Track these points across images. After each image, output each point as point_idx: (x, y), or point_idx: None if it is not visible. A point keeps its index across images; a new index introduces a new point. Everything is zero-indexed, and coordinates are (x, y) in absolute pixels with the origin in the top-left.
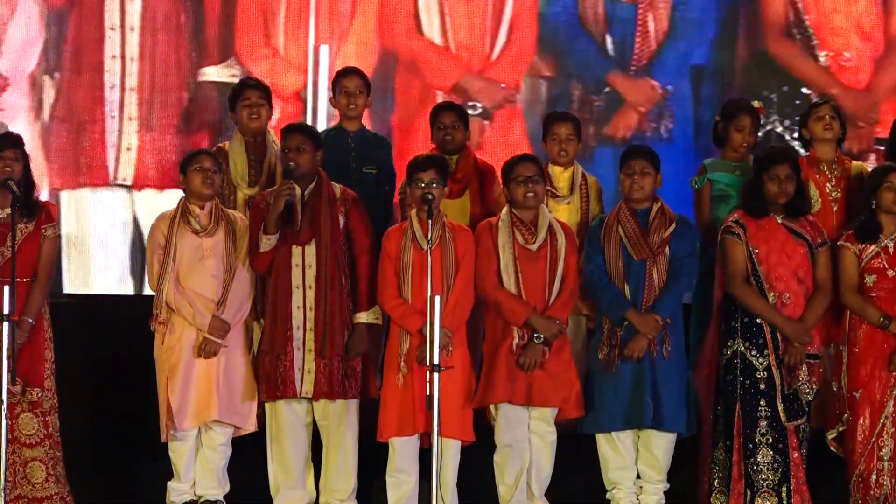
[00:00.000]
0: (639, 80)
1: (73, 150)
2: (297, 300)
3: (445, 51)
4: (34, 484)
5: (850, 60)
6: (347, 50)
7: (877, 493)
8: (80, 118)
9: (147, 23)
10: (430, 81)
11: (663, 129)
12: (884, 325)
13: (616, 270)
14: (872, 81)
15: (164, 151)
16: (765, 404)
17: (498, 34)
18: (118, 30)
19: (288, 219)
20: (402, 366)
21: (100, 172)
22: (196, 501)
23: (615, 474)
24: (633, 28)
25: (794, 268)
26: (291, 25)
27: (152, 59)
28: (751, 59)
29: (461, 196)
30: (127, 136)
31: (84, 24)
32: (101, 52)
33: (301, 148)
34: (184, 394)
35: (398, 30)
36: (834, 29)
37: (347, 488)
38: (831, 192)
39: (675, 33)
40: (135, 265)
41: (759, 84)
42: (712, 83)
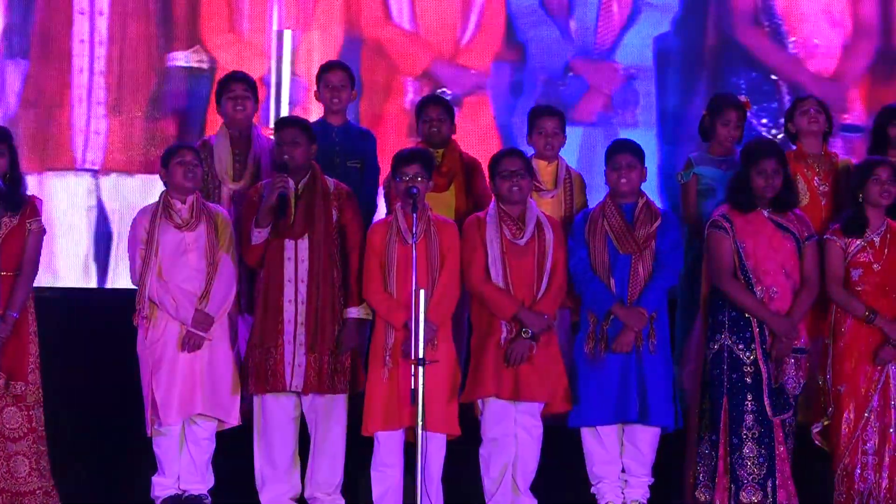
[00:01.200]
0: (602, 65)
1: (40, 135)
2: (290, 294)
3: (415, 36)
4: (18, 478)
5: (818, 47)
6: (311, 35)
7: (861, 487)
8: (48, 102)
9: (116, 7)
10: (400, 67)
11: (627, 113)
12: (869, 319)
13: (601, 264)
14: (840, 68)
15: (132, 136)
16: (751, 398)
17: (468, 20)
18: (87, 14)
19: (280, 213)
20: (387, 360)
21: (66, 157)
22: (180, 496)
23: (600, 469)
24: (598, 12)
25: (782, 262)
26: (255, 11)
27: (121, 44)
28: (719, 46)
29: (447, 190)
30: (95, 120)
31: (52, 8)
32: (70, 37)
33: (296, 141)
34: (168, 388)
35: (366, 15)
36: (803, 16)
37: (333, 482)
38: (819, 185)
39: (640, 17)
40: (98, 251)
41: (727, 71)
42: (678, 69)
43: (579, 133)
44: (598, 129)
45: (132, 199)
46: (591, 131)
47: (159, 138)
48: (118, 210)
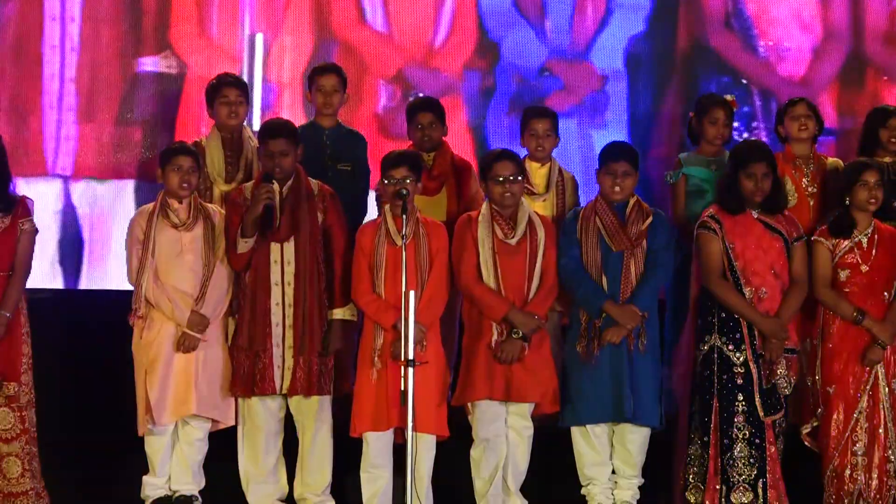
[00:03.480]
0: (576, 65)
1: (12, 141)
2: (276, 297)
3: (389, 39)
4: (10, 479)
5: (789, 51)
6: (283, 39)
7: (851, 487)
8: (20, 108)
9: (88, 13)
10: (374, 69)
11: (603, 115)
12: (857, 320)
13: (594, 262)
14: (810, 72)
15: (102, 142)
16: (742, 399)
17: (440, 22)
18: (58, 20)
19: (266, 221)
20: (375, 361)
21: (38, 163)
22: (171, 497)
23: (590, 470)
24: (572, 13)
25: (770, 262)
26: (225, 15)
27: (92, 50)
28: (690, 49)
29: (438, 192)
30: (66, 126)
31: (23, 13)
32: (41, 43)
33: (284, 152)
34: (162, 388)
35: (338, 18)
36: (773, 20)
37: (323, 483)
38: (808, 187)
39: (613, 18)
40: (64, 257)
41: (698, 73)
42: (650, 71)
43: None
44: (571, 120)
45: (103, 205)
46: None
47: (130, 143)
48: (88, 215)
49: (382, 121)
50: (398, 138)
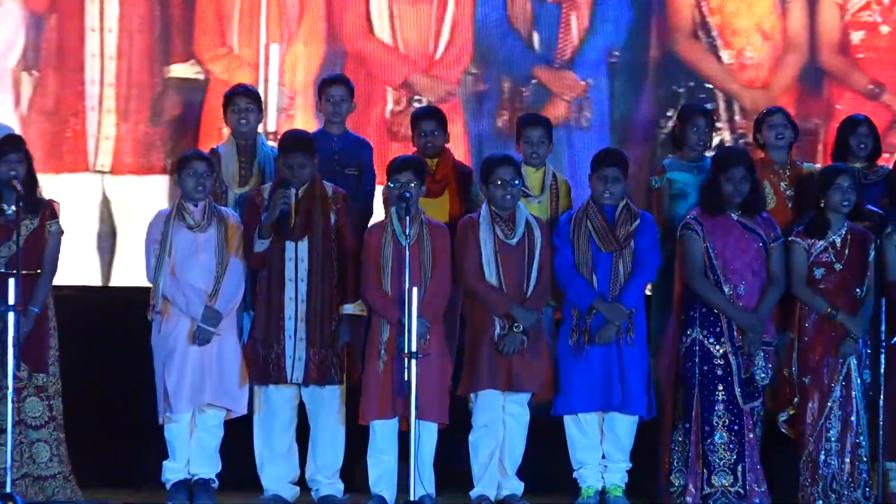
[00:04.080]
0: (562, 73)
1: (55, 140)
2: (290, 292)
3: (395, 50)
4: (39, 463)
5: (751, 59)
6: (296, 49)
7: (825, 472)
8: (63, 111)
9: (124, 24)
10: (381, 78)
11: (583, 118)
12: (831, 315)
13: (584, 262)
14: (771, 79)
15: (138, 141)
16: (721, 389)
17: (441, 35)
18: (98, 31)
19: (282, 224)
20: (382, 353)
21: (80, 160)
22: (189, 480)
23: (582, 454)
24: (558, 26)
25: (749, 262)
26: (244, 27)
27: (128, 58)
28: (661, 57)
29: (441, 195)
30: (106, 126)
31: (64, 26)
32: (82, 52)
33: (302, 164)
34: (179, 379)
35: (348, 30)
36: (737, 30)
37: (334, 466)
38: (784, 190)
39: (595, 31)
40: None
41: (668, 79)
42: (626, 78)
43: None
44: (560, 131)
45: (137, 198)
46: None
47: (160, 143)
48: (125, 208)
49: (389, 124)
50: (404, 139)
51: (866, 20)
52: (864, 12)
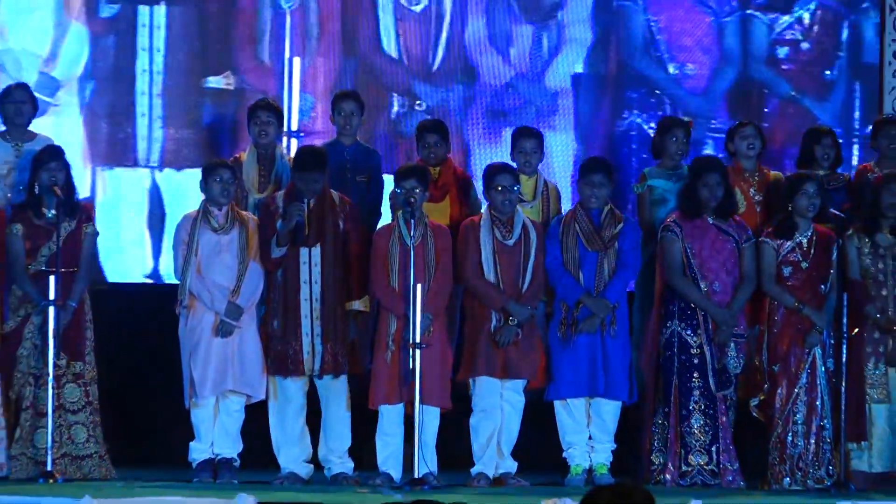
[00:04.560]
0: (535, 83)
1: (112, 140)
2: (305, 293)
3: (399, 62)
4: (77, 444)
5: (696, 71)
6: (316, 61)
7: (792, 452)
8: (119, 116)
9: (169, 44)
10: (388, 85)
11: (552, 120)
12: (798, 309)
13: (573, 261)
14: (709, 86)
15: (181, 141)
16: (697, 377)
17: (437, 50)
18: (147, 51)
19: (297, 233)
20: (389, 344)
21: (132, 157)
22: (213, 459)
23: (571, 436)
24: (531, 44)
25: (723, 261)
26: (272, 42)
27: (173, 73)
28: (618, 69)
29: (442, 200)
30: (154, 130)
31: (121, 45)
32: (135, 67)
33: (316, 179)
34: (204, 368)
35: (361, 45)
36: (681, 46)
37: (344, 447)
38: (754, 196)
39: (562, 48)
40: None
41: (623, 87)
42: (590, 87)
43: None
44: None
45: (179, 189)
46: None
47: (199, 144)
48: (169, 195)
49: (394, 124)
50: (406, 137)
51: (790, 38)
52: (788, 31)
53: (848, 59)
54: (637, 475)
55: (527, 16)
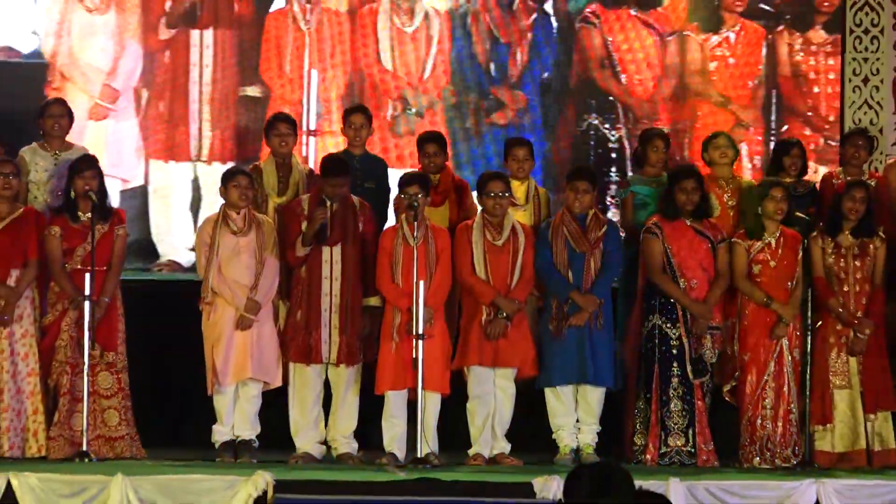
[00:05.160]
0: (511, 92)
1: (167, 139)
2: (326, 288)
3: (395, 73)
4: (110, 426)
5: (641, 81)
6: (329, 73)
7: (761, 433)
8: (175, 119)
9: (216, 60)
10: (385, 92)
11: (524, 122)
12: (767, 304)
13: (562, 261)
14: (654, 94)
15: (225, 140)
16: (676, 365)
17: (427, 63)
18: (198, 66)
19: (321, 234)
20: (394, 335)
21: (186, 153)
22: (234, 441)
23: (559, 420)
24: (507, 58)
25: (700, 260)
26: (294, 56)
27: (218, 84)
28: (579, 80)
29: (442, 205)
30: (203, 132)
31: (175, 61)
32: (187, 79)
33: (341, 184)
34: (226, 358)
35: (364, 60)
36: (630, 61)
37: (350, 429)
38: (728, 200)
39: (533, 62)
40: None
41: (584, 95)
42: (555, 94)
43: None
44: (508, 131)
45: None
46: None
47: (239, 141)
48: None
49: (390, 124)
50: (401, 135)
51: (719, 54)
52: (717, 49)
53: (766, 71)
54: (620, 455)
55: (503, 37)
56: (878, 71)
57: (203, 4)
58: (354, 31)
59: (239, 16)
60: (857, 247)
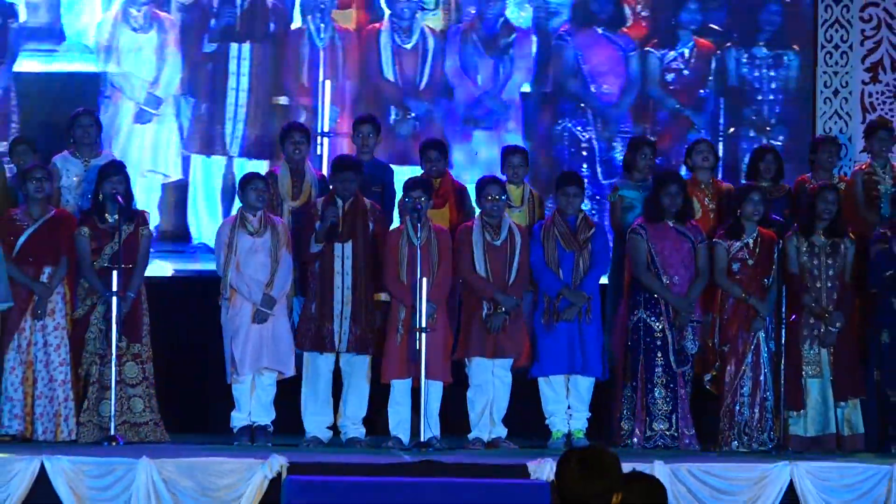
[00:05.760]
0: (495, 98)
1: (209, 138)
2: (338, 282)
3: (396, 84)
4: (135, 412)
5: (610, 90)
6: (342, 84)
7: (739, 419)
8: (215, 122)
9: (252, 71)
10: (388, 99)
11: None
12: (745, 299)
13: (553, 259)
14: (619, 100)
15: (259, 141)
16: (660, 356)
17: (423, 75)
18: (235, 75)
19: (332, 232)
20: (399, 328)
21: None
22: (251, 425)
23: (552, 406)
24: (493, 70)
25: (682, 258)
26: (311, 69)
27: (254, 92)
28: (555, 89)
29: (443, 207)
30: (237, 132)
31: (217, 70)
32: (226, 86)
33: (352, 180)
34: (243, 349)
35: (370, 71)
36: (599, 73)
37: (359, 415)
38: (708, 204)
39: (514, 74)
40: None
41: (558, 102)
42: (534, 102)
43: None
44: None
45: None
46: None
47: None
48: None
49: (393, 128)
50: (400, 138)
51: (675, 67)
52: (674, 62)
53: (715, 82)
54: (609, 439)
55: (488, 52)
56: (847, 83)
57: (241, 22)
58: (361, 46)
59: (272, 33)
60: (829, 246)
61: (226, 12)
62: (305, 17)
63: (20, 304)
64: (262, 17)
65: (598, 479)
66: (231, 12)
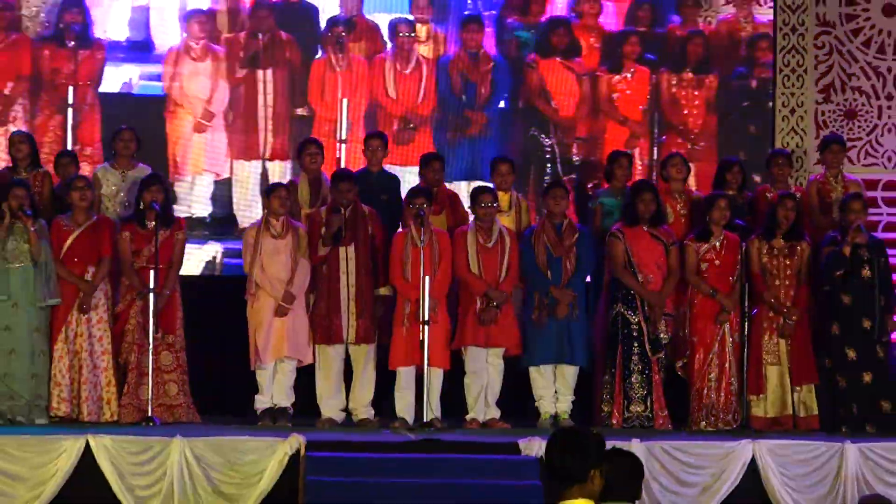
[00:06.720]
0: (477, 113)
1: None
2: (343, 281)
3: (396, 101)
4: (170, 396)
5: (566, 106)
6: (355, 101)
7: (707, 401)
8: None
9: (276, 88)
10: (391, 113)
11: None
12: (712, 295)
13: (542, 262)
14: (575, 115)
15: (283, 147)
16: (636, 345)
17: (419, 93)
18: (263, 94)
19: (337, 236)
20: (405, 321)
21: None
22: (273, 408)
23: (541, 391)
24: (475, 90)
25: (655, 259)
26: (329, 86)
27: (279, 104)
28: (525, 105)
29: (441, 214)
30: (267, 140)
31: (247, 92)
32: (256, 104)
33: (349, 190)
34: (266, 339)
35: (377, 90)
36: (559, 92)
37: (368, 399)
38: (681, 210)
39: (494, 92)
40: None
41: (528, 117)
42: (508, 115)
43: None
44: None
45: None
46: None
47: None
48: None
49: (395, 138)
50: (402, 144)
51: (620, 88)
52: (619, 84)
53: (651, 99)
54: (591, 420)
55: (472, 77)
56: (802, 103)
57: (264, 52)
58: (371, 72)
59: (290, 59)
60: (788, 248)
61: (252, 45)
62: (325, 49)
63: (67, 300)
64: (279, 47)
65: (582, 456)
66: (255, 44)
